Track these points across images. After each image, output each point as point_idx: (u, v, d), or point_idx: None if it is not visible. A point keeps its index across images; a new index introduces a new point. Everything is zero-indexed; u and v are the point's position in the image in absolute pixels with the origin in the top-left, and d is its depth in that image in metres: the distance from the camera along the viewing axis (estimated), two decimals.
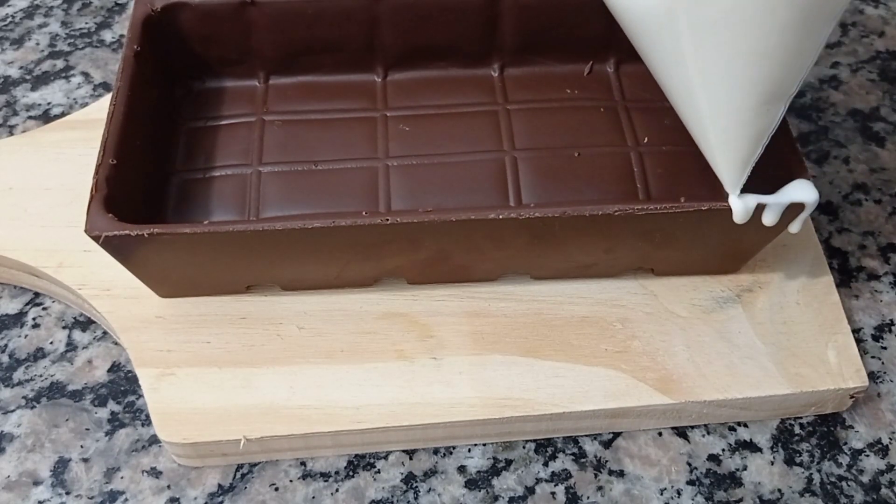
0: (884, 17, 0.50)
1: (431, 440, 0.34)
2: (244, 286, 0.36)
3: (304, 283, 0.36)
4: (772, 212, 0.33)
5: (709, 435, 0.35)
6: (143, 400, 0.36)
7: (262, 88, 0.41)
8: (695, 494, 0.34)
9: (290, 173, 0.38)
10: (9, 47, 0.49)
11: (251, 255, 0.33)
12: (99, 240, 0.31)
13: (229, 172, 0.38)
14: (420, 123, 0.40)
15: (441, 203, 0.37)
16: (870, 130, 0.45)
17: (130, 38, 0.37)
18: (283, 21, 0.39)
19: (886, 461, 0.35)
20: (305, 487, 0.34)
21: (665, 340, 0.35)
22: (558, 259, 0.35)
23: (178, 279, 0.35)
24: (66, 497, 0.34)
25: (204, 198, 0.37)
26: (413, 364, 0.34)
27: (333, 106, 0.40)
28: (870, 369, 0.37)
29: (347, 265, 0.34)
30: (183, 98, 0.40)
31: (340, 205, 0.37)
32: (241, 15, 0.38)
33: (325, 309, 0.36)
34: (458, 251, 0.34)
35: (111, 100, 0.35)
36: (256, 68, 0.41)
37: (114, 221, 0.31)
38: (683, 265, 0.36)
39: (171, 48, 0.39)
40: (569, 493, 0.34)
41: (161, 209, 0.37)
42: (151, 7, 0.38)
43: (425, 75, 0.41)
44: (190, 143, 0.39)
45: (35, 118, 0.45)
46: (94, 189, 0.32)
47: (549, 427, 0.34)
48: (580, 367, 0.35)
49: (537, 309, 0.36)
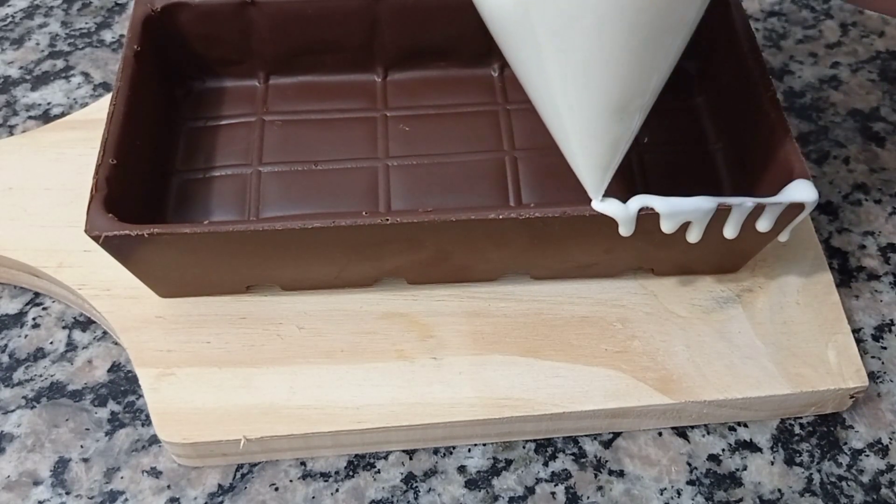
0: (884, 17, 0.50)
1: (431, 440, 0.34)
2: (244, 286, 0.36)
3: (304, 284, 0.36)
4: (770, 214, 0.33)
5: (709, 435, 0.35)
6: (143, 400, 0.36)
7: (261, 88, 0.41)
8: (695, 494, 0.34)
9: (290, 173, 0.38)
10: (9, 47, 0.49)
11: (251, 255, 0.33)
12: (99, 240, 0.31)
13: (229, 172, 0.38)
14: (420, 123, 0.40)
15: (441, 203, 0.37)
16: (870, 130, 0.45)
17: (130, 37, 0.37)
18: (284, 21, 0.39)
19: (886, 461, 0.35)
20: (305, 487, 0.34)
21: (665, 340, 0.35)
22: (558, 259, 0.35)
23: (178, 279, 0.35)
24: (66, 497, 0.34)
25: (204, 198, 0.37)
26: (413, 364, 0.34)
27: (333, 106, 0.40)
28: (870, 369, 0.37)
29: (347, 265, 0.34)
30: (183, 98, 0.40)
31: (340, 205, 0.37)
32: (242, 15, 0.38)
33: (325, 309, 0.36)
34: (458, 251, 0.34)
35: (111, 100, 0.35)
36: (256, 68, 0.41)
37: (114, 221, 0.31)
38: (683, 265, 0.36)
39: (171, 48, 0.39)
40: (569, 493, 0.34)
41: (161, 209, 0.37)
42: (151, 7, 0.38)
43: (425, 75, 0.41)
44: (190, 143, 0.39)
45: (35, 118, 0.45)
46: (94, 189, 0.32)
47: (549, 427, 0.34)
48: (580, 367, 0.35)
49: (537, 309, 0.36)
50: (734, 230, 0.33)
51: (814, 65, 0.48)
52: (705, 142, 0.39)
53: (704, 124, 0.40)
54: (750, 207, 0.32)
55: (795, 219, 0.33)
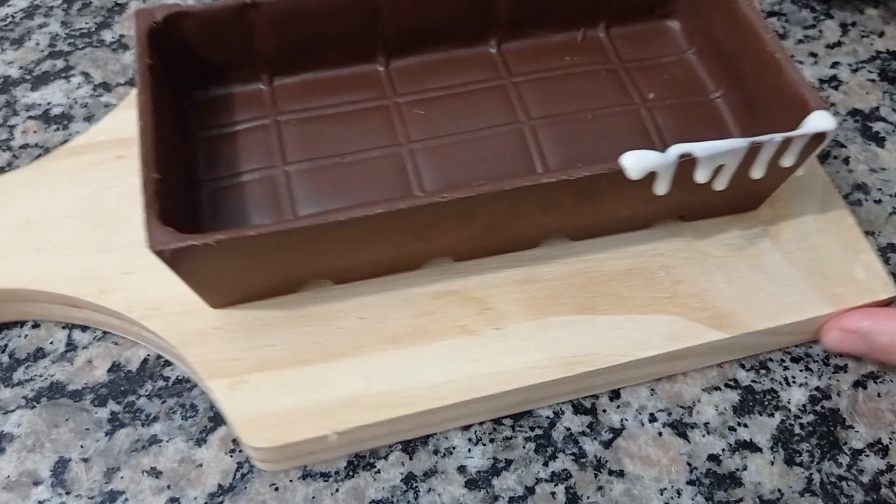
0: (884, 16, 0.50)
1: (510, 407, 0.35)
2: (298, 284, 0.36)
3: (357, 274, 0.36)
4: (795, 148, 0.34)
5: (709, 435, 0.36)
6: (143, 399, 0.36)
7: (267, 91, 0.40)
8: (695, 494, 0.34)
9: (318, 169, 0.38)
10: (9, 47, 0.48)
11: (313, 250, 0.33)
12: (165, 254, 0.31)
13: (257, 176, 0.38)
14: (433, 105, 0.40)
15: (472, 178, 0.38)
16: (870, 130, 0.46)
17: (140, 52, 0.36)
18: (285, 20, 0.39)
19: (886, 461, 0.35)
20: (305, 487, 0.34)
21: (708, 281, 0.37)
22: (602, 216, 0.36)
23: (234, 286, 0.35)
24: (66, 497, 0.34)
25: (237, 204, 0.37)
26: (479, 337, 0.35)
27: (343, 99, 0.40)
28: (869, 369, 0.37)
29: (402, 248, 0.35)
30: (190, 109, 0.40)
31: (374, 193, 0.37)
32: (243, 18, 0.38)
33: (379, 296, 0.36)
34: (509, 220, 0.35)
35: (138, 117, 0.34)
36: (259, 71, 0.40)
37: (176, 234, 0.31)
38: (711, 208, 0.38)
39: (176, 59, 0.38)
40: (569, 493, 0.34)
41: (197, 219, 0.36)
42: (153, 19, 0.37)
43: (426, 59, 0.42)
44: (208, 152, 0.38)
45: (35, 118, 0.45)
46: (147, 205, 0.32)
47: (616, 378, 0.36)
48: (636, 317, 0.36)
49: (582, 268, 0.37)
50: (762, 169, 0.35)
51: (814, 65, 0.49)
52: (705, 91, 0.41)
53: (700, 75, 0.42)
54: (778, 143, 0.34)
55: (816, 150, 0.35)
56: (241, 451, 0.35)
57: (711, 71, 0.41)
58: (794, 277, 0.37)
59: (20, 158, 0.44)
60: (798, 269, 0.37)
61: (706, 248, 0.38)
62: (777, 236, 0.38)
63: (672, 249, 0.38)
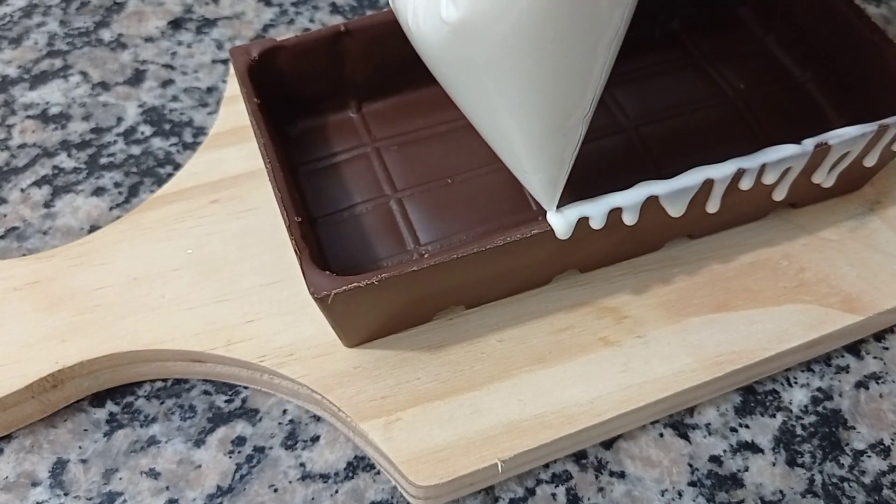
0: (885, 16, 0.51)
1: (664, 411, 0.35)
2: (433, 313, 0.35)
3: (491, 296, 0.35)
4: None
5: (710, 436, 0.35)
6: (141, 400, 0.36)
7: (357, 117, 0.40)
8: (696, 496, 0.34)
9: (430, 193, 0.37)
10: (7, 46, 0.48)
11: (461, 278, 0.32)
12: (328, 299, 0.30)
13: (370, 207, 0.37)
14: None
15: (594, 187, 0.37)
16: None
17: (247, 93, 0.35)
18: (377, 44, 0.38)
19: (888, 462, 0.35)
20: (304, 489, 0.34)
21: (830, 265, 0.37)
22: (728, 213, 0.36)
23: (377, 322, 0.34)
24: (65, 498, 0.33)
25: (357, 237, 0.36)
26: (622, 347, 0.35)
27: (436, 119, 0.40)
28: (871, 370, 0.37)
29: (547, 266, 0.34)
30: (284, 144, 0.38)
31: (492, 212, 0.37)
32: (336, 46, 0.37)
33: (513, 317, 0.36)
34: (648, 225, 0.34)
35: (263, 160, 0.33)
36: (348, 98, 0.39)
37: (335, 278, 0.30)
38: (819, 193, 0.38)
39: (270, 94, 0.37)
40: (569, 494, 0.34)
41: (322, 258, 0.35)
42: (249, 57, 0.36)
43: None
44: (313, 187, 0.37)
45: (33, 118, 0.44)
46: (299, 251, 0.31)
47: (758, 372, 0.36)
48: (770, 309, 0.36)
49: (707, 266, 0.37)
50: (876, 156, 0.35)
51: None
52: (791, 77, 0.41)
53: (784, 61, 0.42)
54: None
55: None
56: (240, 452, 0.34)
57: (794, 56, 0.42)
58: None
59: (18, 158, 0.43)
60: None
61: (821, 232, 0.38)
62: (884, 214, 0.39)
63: (789, 238, 0.38)
